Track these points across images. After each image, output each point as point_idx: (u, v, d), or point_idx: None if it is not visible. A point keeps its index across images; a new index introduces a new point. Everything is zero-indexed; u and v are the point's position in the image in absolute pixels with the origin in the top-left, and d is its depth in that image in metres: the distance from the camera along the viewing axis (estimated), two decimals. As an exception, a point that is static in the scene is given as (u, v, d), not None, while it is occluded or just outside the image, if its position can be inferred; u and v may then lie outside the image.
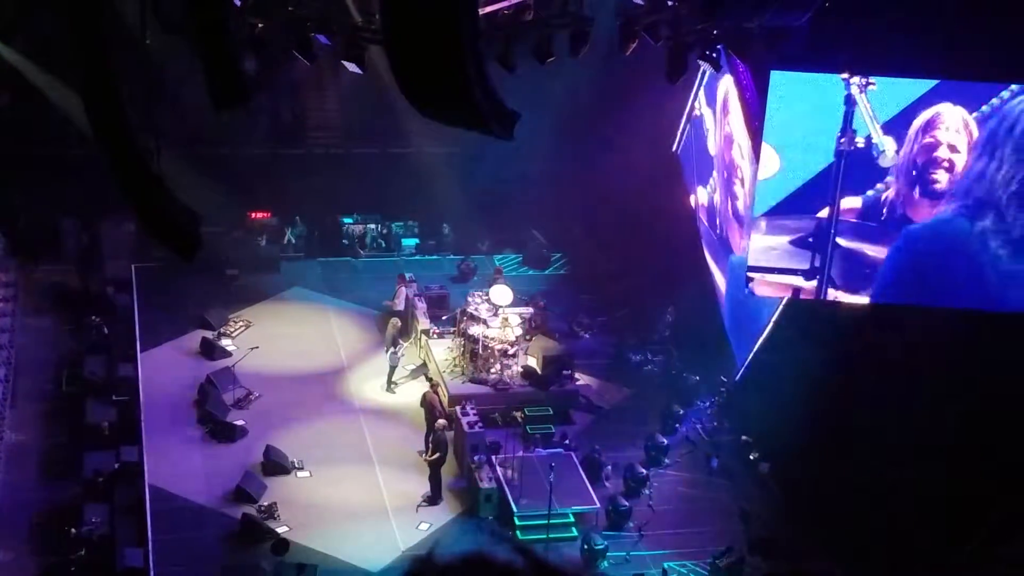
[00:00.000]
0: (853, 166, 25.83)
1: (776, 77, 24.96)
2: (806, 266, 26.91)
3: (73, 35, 15.57)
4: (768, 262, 27.31)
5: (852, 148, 25.52)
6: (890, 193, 26.05)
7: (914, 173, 25.84)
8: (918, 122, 25.19)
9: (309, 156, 38.35)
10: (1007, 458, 23.87)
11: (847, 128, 25.29)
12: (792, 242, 26.87)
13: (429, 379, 32.19)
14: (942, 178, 25.51)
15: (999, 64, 22.75)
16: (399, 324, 33.04)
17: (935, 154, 25.27)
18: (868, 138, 25.54)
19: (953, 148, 25.15)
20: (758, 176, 26.76)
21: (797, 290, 27.20)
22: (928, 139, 25.17)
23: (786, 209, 26.75)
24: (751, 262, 27.44)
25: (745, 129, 28.73)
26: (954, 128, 24.88)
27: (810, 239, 26.72)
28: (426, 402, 30.09)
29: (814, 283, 26.81)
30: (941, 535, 24.70)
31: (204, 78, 16.48)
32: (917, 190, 25.87)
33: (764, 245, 27.27)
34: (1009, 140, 24.75)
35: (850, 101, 25.11)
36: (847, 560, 26.17)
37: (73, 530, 25.66)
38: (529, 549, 4.91)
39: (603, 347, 35.29)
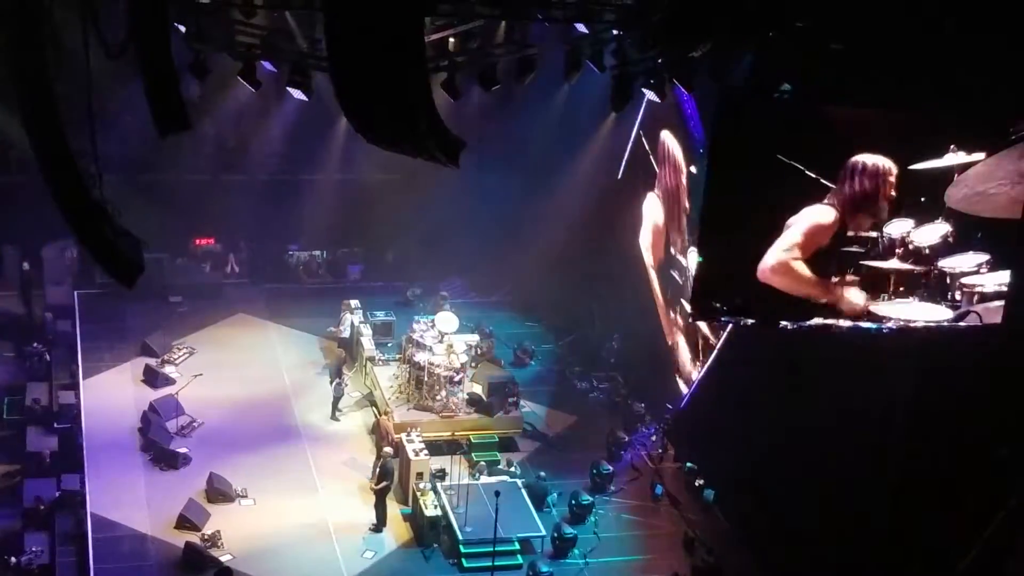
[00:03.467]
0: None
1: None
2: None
3: (14, 61, 15.47)
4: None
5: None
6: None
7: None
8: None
9: (253, 183, 38.20)
10: (956, 485, 23.95)
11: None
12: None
13: (374, 405, 32.10)
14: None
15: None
16: (343, 355, 32.98)
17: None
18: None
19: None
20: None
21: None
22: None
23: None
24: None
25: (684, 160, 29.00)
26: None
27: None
28: (379, 429, 29.98)
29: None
30: (888, 563, 24.76)
31: (147, 104, 16.42)
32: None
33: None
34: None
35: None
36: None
37: (13, 559, 25.41)
38: None
39: (549, 374, 35.34)
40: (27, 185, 28.06)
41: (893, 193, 21.12)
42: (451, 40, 23.79)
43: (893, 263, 21.44)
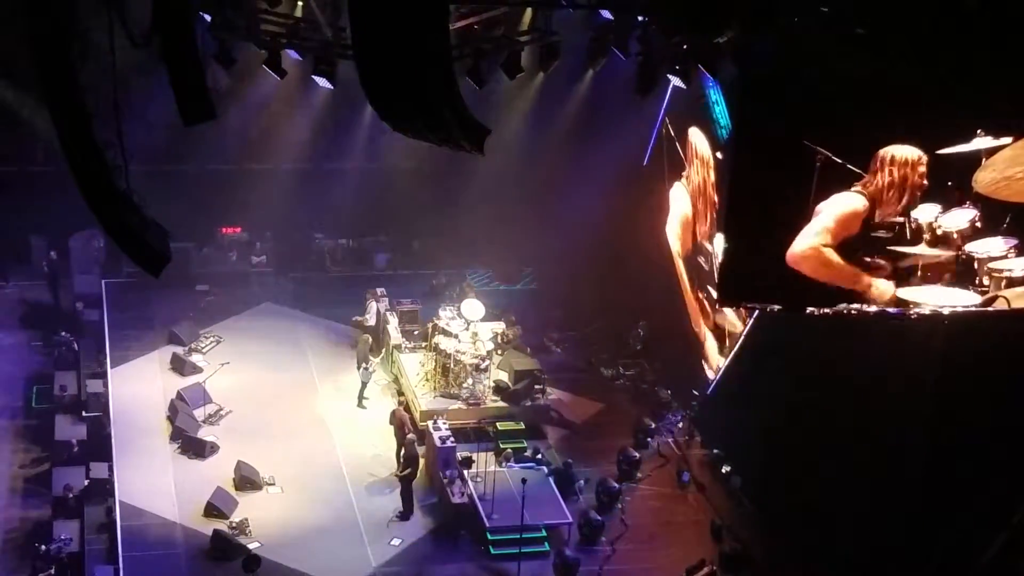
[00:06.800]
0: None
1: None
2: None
3: (40, 52, 15.52)
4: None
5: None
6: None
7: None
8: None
9: (279, 171, 38.23)
10: (983, 469, 23.88)
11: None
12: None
13: (400, 395, 32.14)
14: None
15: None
16: (370, 341, 33.00)
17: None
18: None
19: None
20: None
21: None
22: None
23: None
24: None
25: (711, 149, 28.90)
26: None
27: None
28: (396, 419, 30.03)
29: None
30: (915, 550, 24.70)
31: (173, 93, 16.46)
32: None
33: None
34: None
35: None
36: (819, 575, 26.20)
37: (43, 547, 25.51)
38: None
39: (574, 361, 35.33)
40: (54, 175, 28.12)
41: (924, 183, 20.98)
42: (476, 27, 23.81)
43: (921, 248, 21.32)
